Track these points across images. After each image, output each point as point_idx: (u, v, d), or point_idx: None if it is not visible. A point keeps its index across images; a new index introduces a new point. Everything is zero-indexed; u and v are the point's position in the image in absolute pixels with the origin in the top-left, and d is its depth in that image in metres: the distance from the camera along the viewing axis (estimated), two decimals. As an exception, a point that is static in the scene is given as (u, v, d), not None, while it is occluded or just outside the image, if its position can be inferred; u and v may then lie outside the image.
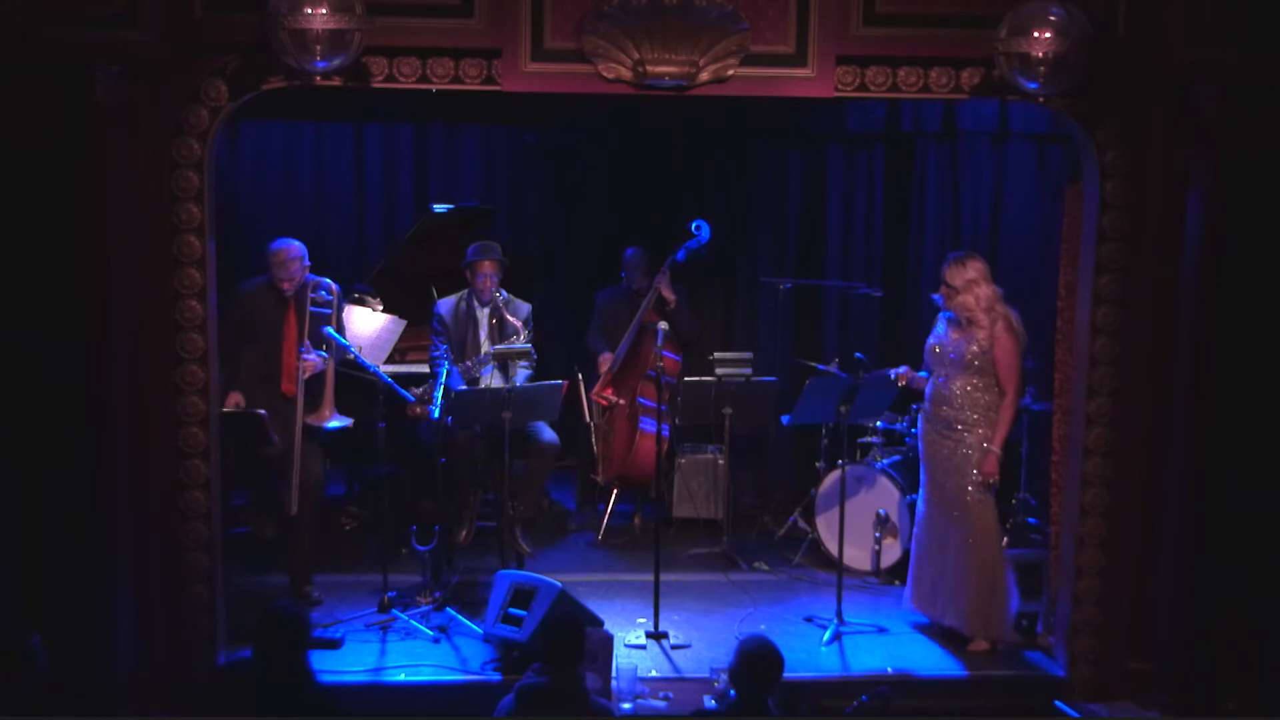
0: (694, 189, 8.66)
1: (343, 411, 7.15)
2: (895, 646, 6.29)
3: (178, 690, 5.55)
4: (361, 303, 7.65)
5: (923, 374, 6.41)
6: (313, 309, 6.54)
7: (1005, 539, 6.57)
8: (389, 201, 8.80)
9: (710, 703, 5.43)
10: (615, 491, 7.95)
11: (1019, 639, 6.28)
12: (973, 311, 6.09)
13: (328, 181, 8.73)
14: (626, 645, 6.18)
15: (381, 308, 7.68)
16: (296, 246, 6.65)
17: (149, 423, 5.57)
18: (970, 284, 6.10)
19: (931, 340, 6.32)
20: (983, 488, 6.10)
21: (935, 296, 6.30)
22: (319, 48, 5.16)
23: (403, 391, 6.72)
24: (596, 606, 6.23)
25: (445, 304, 7.26)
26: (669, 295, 7.73)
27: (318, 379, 6.54)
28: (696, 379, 7.44)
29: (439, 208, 8.05)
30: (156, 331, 5.55)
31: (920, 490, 6.39)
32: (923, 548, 6.35)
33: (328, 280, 6.63)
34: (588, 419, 8.05)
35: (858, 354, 7.47)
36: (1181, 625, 5.77)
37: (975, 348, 6.09)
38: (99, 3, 5.23)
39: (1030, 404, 7.12)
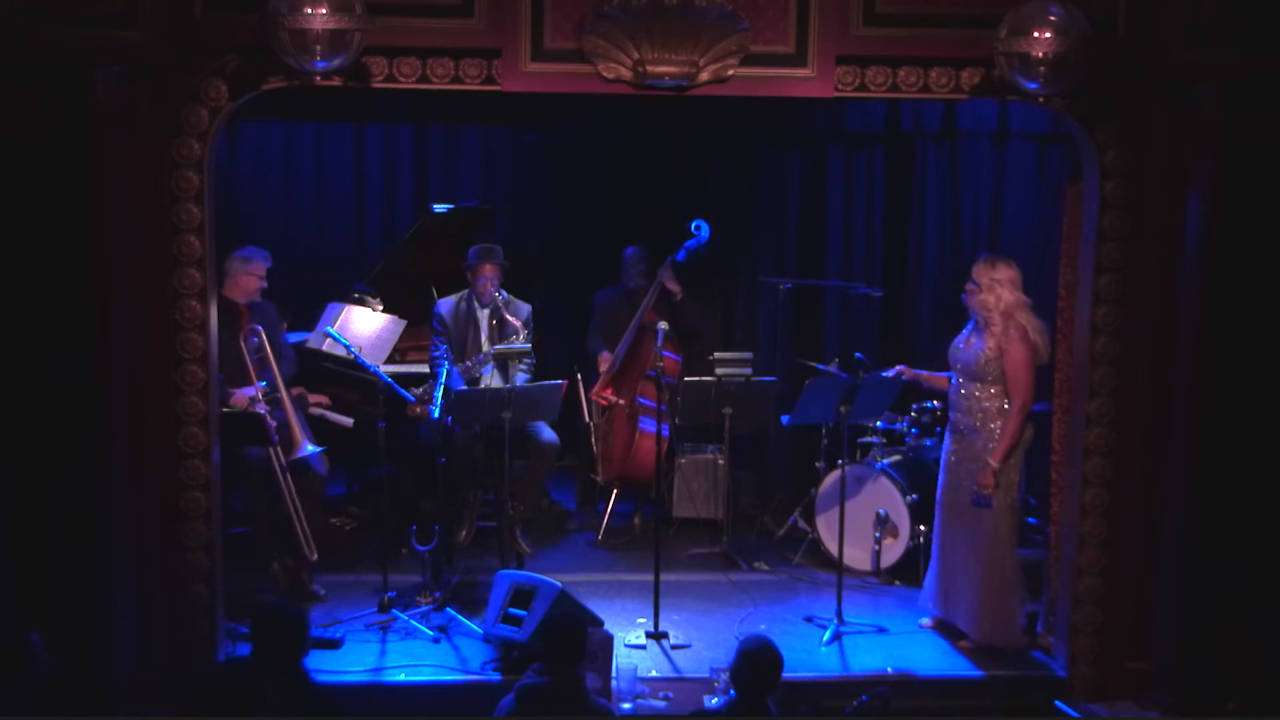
0: (694, 189, 8.66)
1: (343, 412, 7.18)
2: (895, 646, 6.29)
3: (178, 690, 5.55)
4: (361, 303, 7.65)
5: (940, 374, 6.40)
6: (251, 356, 6.53)
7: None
8: (389, 201, 8.80)
9: (711, 701, 5.44)
10: (615, 491, 7.95)
11: (1027, 643, 6.27)
12: (990, 312, 6.05)
13: (328, 181, 8.73)
14: (626, 645, 6.18)
15: (381, 308, 7.69)
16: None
17: (149, 423, 5.57)
18: (994, 284, 6.05)
19: (955, 341, 6.31)
20: (985, 496, 6.05)
21: (964, 295, 6.26)
22: (319, 48, 5.16)
23: (403, 391, 6.73)
24: (596, 606, 6.23)
25: (445, 304, 7.26)
26: (674, 287, 7.73)
27: (278, 412, 6.51)
28: (696, 379, 7.44)
29: (439, 208, 8.05)
30: (156, 331, 5.54)
31: (938, 492, 6.37)
32: (937, 548, 6.36)
33: (257, 325, 6.60)
34: (587, 419, 8.05)
35: (858, 354, 7.47)
36: (1181, 625, 5.77)
37: (983, 354, 6.06)
38: (99, 3, 5.23)
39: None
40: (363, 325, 7.47)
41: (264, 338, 6.54)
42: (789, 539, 7.76)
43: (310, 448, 6.50)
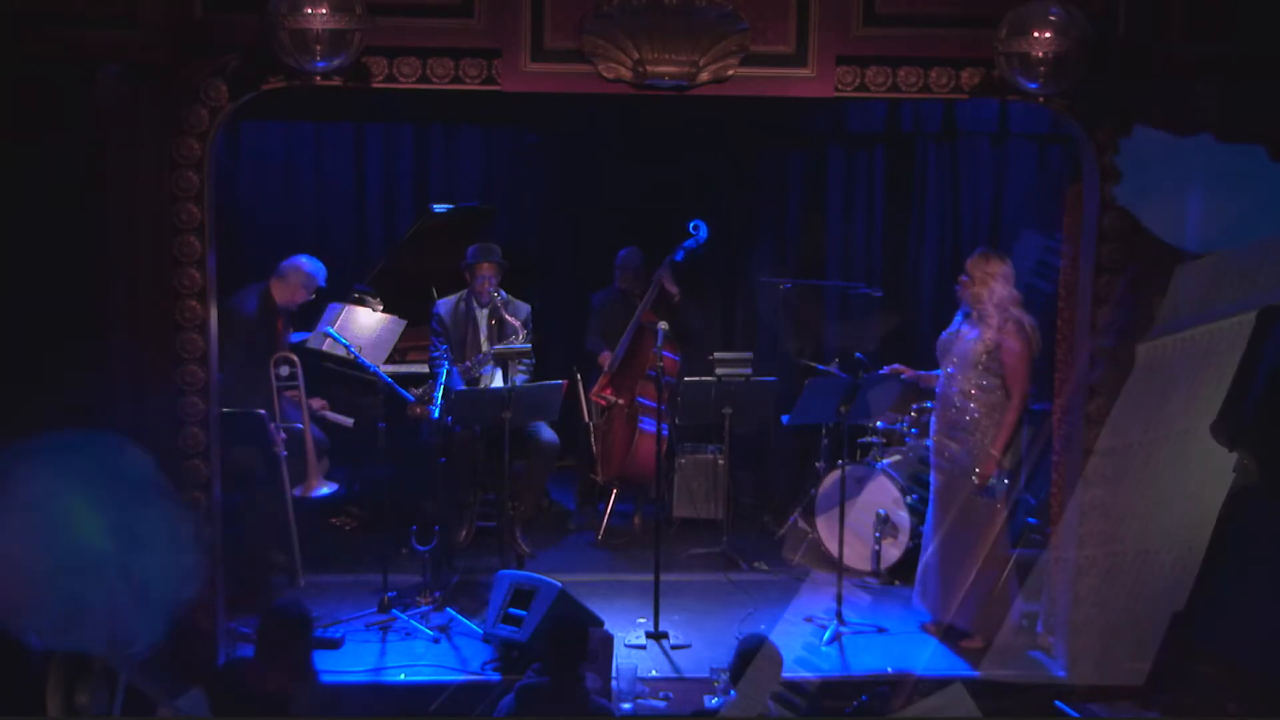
0: (694, 189, 8.66)
1: (343, 412, 7.17)
2: (895, 646, 6.29)
3: (178, 690, 5.54)
4: (361, 303, 7.65)
5: (936, 372, 6.41)
6: (279, 384, 6.57)
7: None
8: (389, 201, 8.80)
9: (711, 701, 5.44)
10: (615, 491, 7.95)
11: (1022, 640, 6.27)
12: (983, 305, 6.06)
13: (328, 181, 8.73)
14: (626, 645, 6.18)
15: (381, 308, 7.69)
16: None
17: (149, 423, 5.57)
18: (988, 277, 6.06)
19: (944, 334, 6.31)
20: (984, 489, 6.07)
21: (957, 286, 6.27)
22: (319, 48, 5.16)
23: (403, 391, 6.73)
24: (596, 606, 6.22)
25: (445, 304, 7.26)
26: (672, 289, 7.73)
27: (296, 445, 6.51)
28: (696, 379, 7.44)
29: (439, 208, 8.05)
30: (156, 331, 5.55)
31: (930, 489, 6.38)
32: (929, 547, 6.35)
33: (293, 355, 6.65)
34: (587, 419, 8.05)
35: (858, 354, 7.47)
36: (1181, 626, 5.76)
37: (980, 345, 6.06)
38: (99, 3, 5.24)
39: (1030, 404, 7.10)
40: (363, 325, 7.47)
41: (300, 372, 6.56)
42: (789, 539, 7.77)
43: (324, 490, 6.52)
